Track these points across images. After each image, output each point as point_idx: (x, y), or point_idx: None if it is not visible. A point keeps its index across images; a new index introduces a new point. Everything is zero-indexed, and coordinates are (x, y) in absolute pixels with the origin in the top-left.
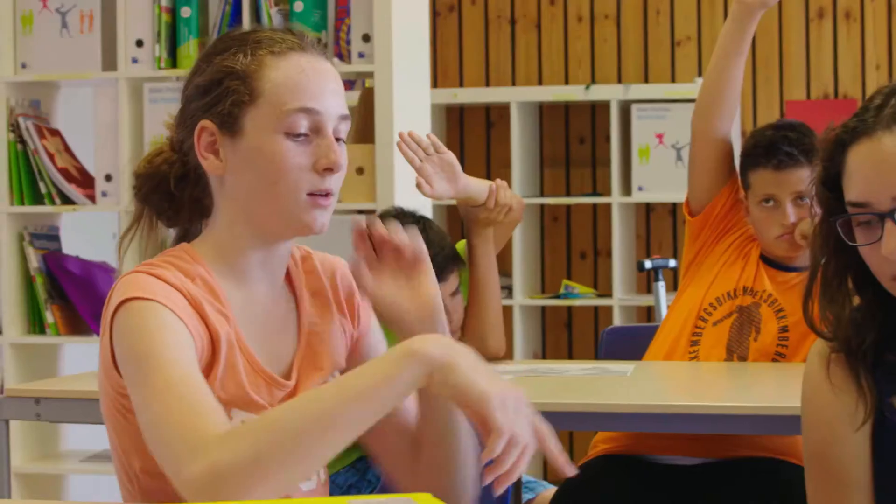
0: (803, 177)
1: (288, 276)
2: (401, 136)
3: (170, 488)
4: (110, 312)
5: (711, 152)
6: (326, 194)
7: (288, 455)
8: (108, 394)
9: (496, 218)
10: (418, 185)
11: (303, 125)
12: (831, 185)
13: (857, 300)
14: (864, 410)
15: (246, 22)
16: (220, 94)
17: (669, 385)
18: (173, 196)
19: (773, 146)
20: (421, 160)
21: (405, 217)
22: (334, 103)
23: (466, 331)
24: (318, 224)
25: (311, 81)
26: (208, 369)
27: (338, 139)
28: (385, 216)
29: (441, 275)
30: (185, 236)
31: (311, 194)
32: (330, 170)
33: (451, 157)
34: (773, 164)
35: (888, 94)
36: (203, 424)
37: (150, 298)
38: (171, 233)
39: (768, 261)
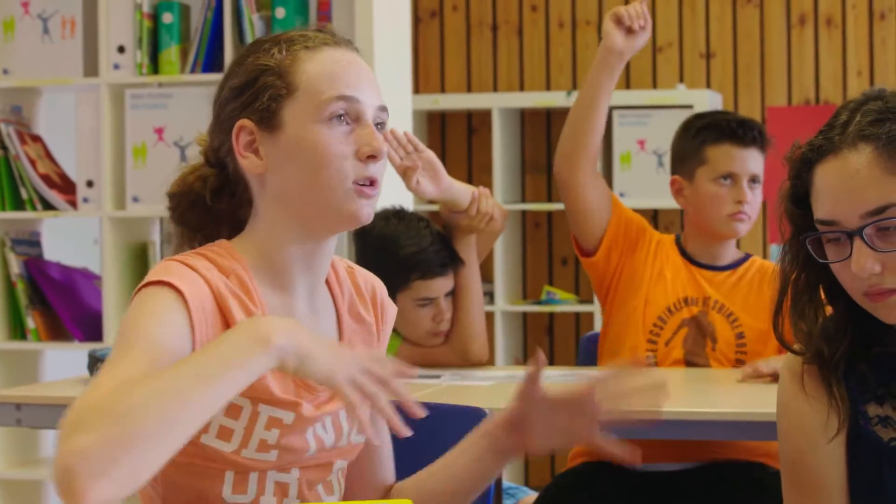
0: (760, 161)
1: (328, 286)
2: (383, 135)
3: (185, 497)
4: (134, 294)
5: (587, 193)
6: (372, 183)
7: (145, 436)
8: None
9: (477, 226)
10: (404, 178)
11: (342, 114)
12: (799, 203)
13: (828, 310)
14: (837, 419)
15: (227, 28)
16: (257, 92)
17: None
18: (210, 210)
19: (745, 124)
20: (401, 158)
21: (406, 216)
22: (371, 93)
23: (450, 336)
24: (365, 214)
25: (346, 71)
26: None
27: (378, 127)
28: (385, 215)
29: (443, 269)
30: None
31: (355, 183)
32: (373, 157)
33: (430, 155)
34: (745, 141)
35: (853, 111)
36: (89, 402)
37: (167, 283)
38: None
39: (694, 259)
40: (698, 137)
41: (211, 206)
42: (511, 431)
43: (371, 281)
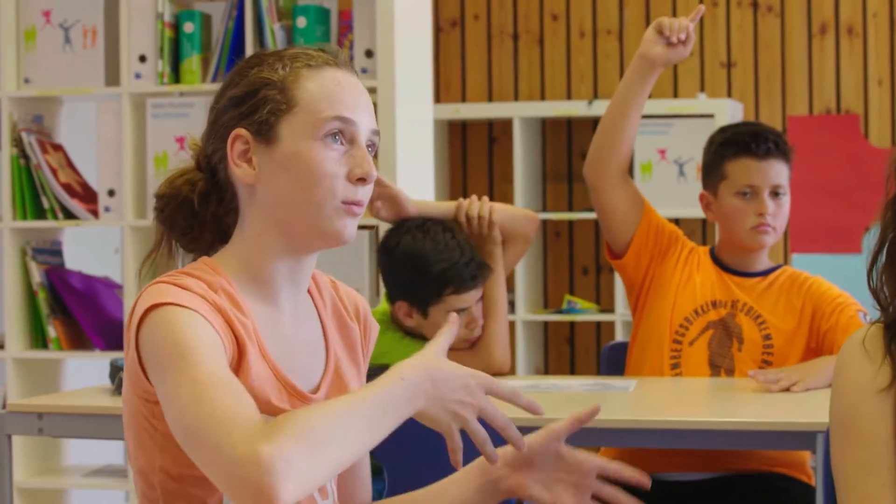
0: (781, 171)
1: (310, 294)
2: None
3: (192, 491)
4: (136, 321)
5: (616, 198)
6: (359, 204)
7: (333, 458)
8: (134, 403)
9: (480, 233)
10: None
11: (338, 133)
12: None
13: None
14: (889, 375)
15: (248, 37)
16: (257, 104)
17: (672, 400)
18: (196, 214)
19: (759, 136)
20: None
21: (431, 229)
22: (367, 117)
23: (473, 345)
24: (348, 233)
25: (346, 93)
26: (235, 374)
27: (369, 149)
28: (409, 229)
29: (475, 282)
30: None
31: (343, 202)
32: (363, 180)
33: (392, 191)
34: (760, 153)
35: None
36: (246, 420)
37: (176, 304)
38: (188, 260)
39: (727, 267)
40: (718, 153)
41: (198, 210)
42: (515, 471)
43: (354, 297)
